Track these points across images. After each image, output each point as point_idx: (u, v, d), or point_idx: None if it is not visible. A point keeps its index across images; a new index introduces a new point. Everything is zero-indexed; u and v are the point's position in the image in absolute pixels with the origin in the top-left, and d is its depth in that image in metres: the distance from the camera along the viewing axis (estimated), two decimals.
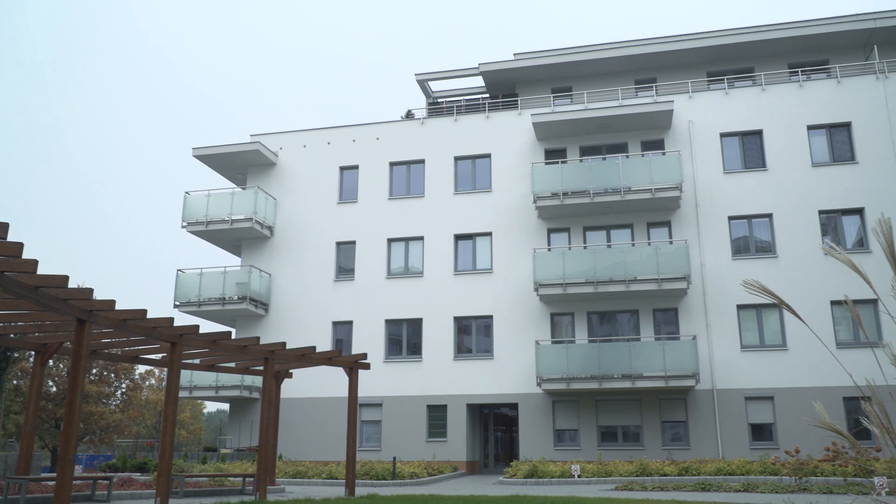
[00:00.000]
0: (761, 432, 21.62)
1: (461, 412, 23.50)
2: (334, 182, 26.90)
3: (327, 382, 24.17)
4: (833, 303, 21.81)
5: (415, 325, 24.80)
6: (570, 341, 23.13)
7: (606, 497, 13.25)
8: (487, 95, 29.53)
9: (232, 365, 15.72)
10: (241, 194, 26.25)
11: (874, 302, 21.00)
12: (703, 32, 26.47)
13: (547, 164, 24.39)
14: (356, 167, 26.94)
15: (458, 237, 25.30)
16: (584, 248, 23.63)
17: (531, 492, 14.99)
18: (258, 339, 13.39)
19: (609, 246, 23.63)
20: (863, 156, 23.03)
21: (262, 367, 15.11)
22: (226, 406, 34.37)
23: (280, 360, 14.60)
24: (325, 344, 24.80)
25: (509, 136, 25.79)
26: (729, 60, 26.80)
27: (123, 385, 44.87)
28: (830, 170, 23.18)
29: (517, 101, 26.95)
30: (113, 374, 42.88)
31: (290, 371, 17.15)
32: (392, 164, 26.63)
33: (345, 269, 26.03)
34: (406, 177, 26.46)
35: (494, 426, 26.63)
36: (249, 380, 24.78)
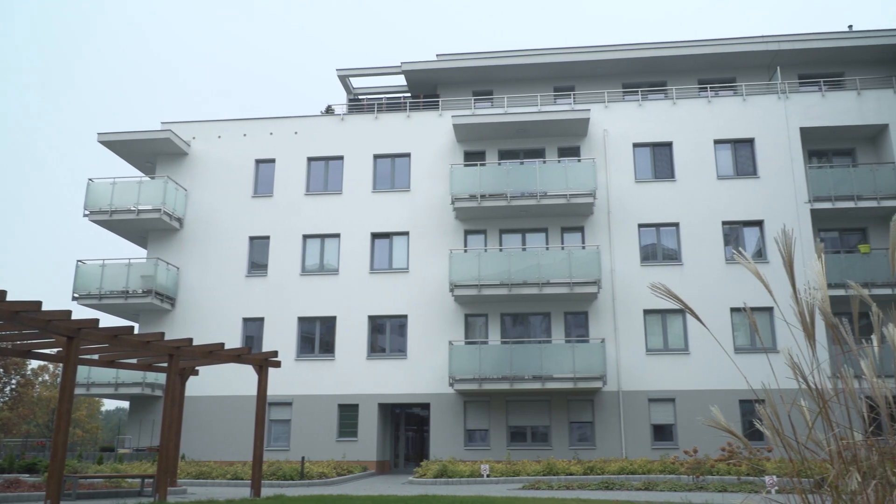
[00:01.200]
0: (663, 433, 22.44)
1: (373, 412, 23.34)
2: (249, 175, 26.21)
3: (236, 381, 23.53)
4: (732, 309, 22.86)
5: (328, 324, 24.46)
6: (483, 342, 23.36)
7: (513, 496, 13.41)
8: (409, 95, 29.47)
9: (134, 361, 15.05)
10: (150, 183, 25.21)
11: (770, 309, 22.17)
12: (620, 45, 27.26)
13: (466, 165, 24.56)
14: (273, 161, 26.34)
15: (375, 235, 25.13)
16: (500, 250, 23.91)
17: (440, 491, 15.01)
18: (163, 334, 12.86)
19: (524, 249, 24.00)
20: (764, 171, 24.27)
21: (166, 364, 14.52)
22: (126, 404, 32.96)
23: (186, 357, 14.08)
24: (234, 341, 24.12)
25: (429, 136, 25.83)
26: (643, 73, 27.71)
27: (13, 381, 42.33)
28: (734, 183, 24.31)
29: (438, 101, 27.02)
30: (2, 370, 40.39)
31: (197, 368, 16.56)
32: (310, 160, 26.19)
33: (257, 265, 25.40)
34: (324, 173, 26.07)
35: (406, 426, 26.59)
36: (152, 377, 23.81)
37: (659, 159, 25.02)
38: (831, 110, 24.68)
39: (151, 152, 26.55)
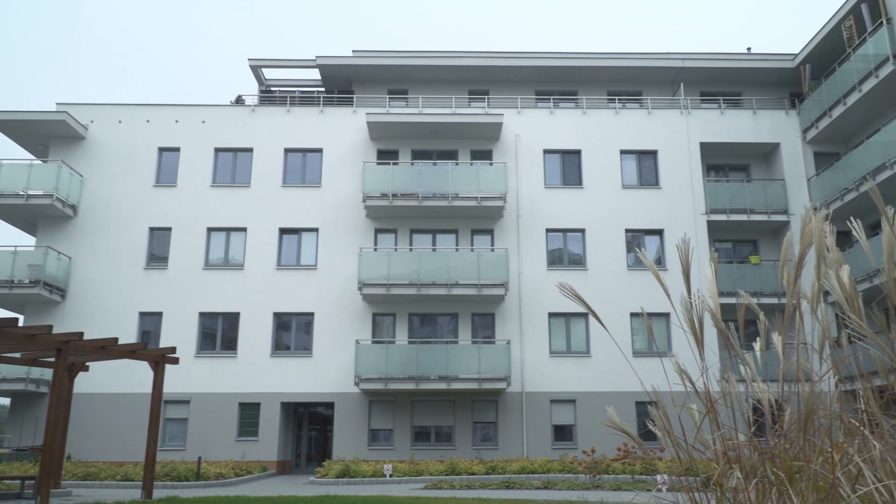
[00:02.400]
0: (563, 433, 23.00)
1: (275, 410, 22.83)
2: (151, 163, 25.12)
3: (130, 377, 22.49)
4: (633, 314, 23.69)
5: (231, 320, 23.76)
6: (390, 342, 23.27)
7: (415, 496, 13.41)
8: (323, 90, 29.03)
9: (17, 355, 14.14)
10: (42, 167, 23.75)
11: (668, 315, 23.11)
12: (534, 53, 27.77)
13: (378, 164, 24.42)
14: (177, 150, 25.35)
15: (283, 231, 24.60)
16: (410, 250, 23.90)
17: (342, 491, 14.84)
18: (51, 327, 12.12)
19: (434, 249, 24.08)
20: (665, 182, 25.29)
21: (53, 359, 13.70)
22: (6, 401, 30.97)
23: (75, 352, 13.33)
24: (129, 336, 23.06)
25: (343, 132, 25.52)
26: (556, 82, 28.34)
27: None
28: (637, 192, 25.21)
29: (353, 98, 26.75)
30: None
31: (87, 364, 15.72)
32: (217, 150, 25.36)
33: (157, 257, 24.38)
34: (232, 164, 25.31)
35: (309, 425, 26.14)
36: (38, 372, 22.43)
37: (568, 166, 25.65)
38: (729, 127, 25.98)
39: (45, 135, 25.04)
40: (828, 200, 24.05)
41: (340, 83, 28.43)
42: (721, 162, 26.92)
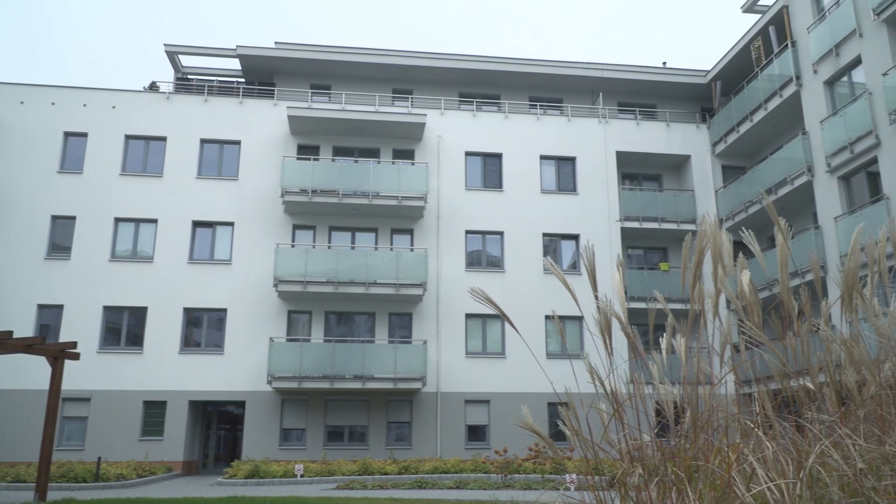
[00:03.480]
0: (477, 433, 23.20)
1: (182, 409, 22.07)
2: (56, 148, 23.84)
3: (25, 373, 21.26)
4: (547, 317, 24.14)
5: (138, 314, 22.82)
6: (305, 340, 22.90)
7: (326, 496, 13.24)
8: (244, 81, 28.31)
9: None
10: None
11: (581, 318, 23.65)
12: (459, 55, 27.92)
13: (299, 159, 24.00)
14: (84, 135, 24.15)
15: (196, 224, 23.82)
16: (329, 247, 23.60)
17: (251, 492, 14.49)
18: None
19: (353, 248, 23.86)
20: (583, 188, 25.90)
21: None
22: None
23: None
24: (26, 329, 21.82)
25: (263, 125, 24.94)
26: (480, 85, 28.59)
27: None
28: (555, 197, 25.73)
29: (274, 91, 26.18)
30: None
31: None
32: (128, 138, 24.32)
33: (59, 247, 23.16)
34: (143, 153, 24.31)
35: (218, 425, 25.45)
36: None
37: (489, 169, 25.92)
38: (644, 138, 26.86)
39: None
40: (734, 212, 25.19)
41: (262, 75, 27.79)
42: (636, 171, 27.80)
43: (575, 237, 25.51)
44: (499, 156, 25.96)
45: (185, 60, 28.61)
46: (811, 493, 2.81)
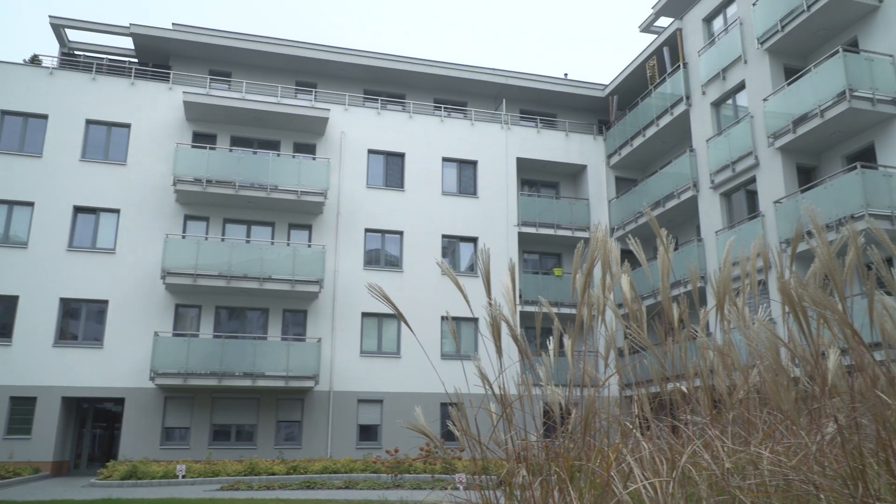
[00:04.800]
0: (369, 433, 23.07)
1: (54, 406, 20.74)
2: None
3: None
4: (443, 318, 24.32)
5: (8, 304, 21.27)
6: (193, 335, 22.05)
7: (209, 498, 12.80)
8: (137, 61, 26.97)
9: None
10: None
11: (476, 320, 23.96)
12: (366, 52, 27.71)
13: (194, 146, 23.11)
14: None
15: (78, 209, 22.46)
16: (223, 240, 22.84)
17: (127, 494, 13.80)
18: None
19: (248, 241, 23.20)
20: (483, 192, 26.28)
21: None
22: None
23: None
24: None
25: (156, 109, 23.82)
26: (385, 83, 28.47)
27: None
28: (456, 200, 25.97)
29: (170, 74, 25.07)
30: None
31: None
32: (4, 113, 22.61)
33: None
34: (21, 130, 22.65)
35: (94, 423, 24.09)
36: None
37: (391, 168, 25.85)
38: (544, 146, 27.56)
39: None
40: (625, 222, 26.25)
41: (157, 57, 26.56)
42: (534, 178, 28.48)
43: (474, 240, 25.84)
44: (401, 155, 25.94)
45: (73, 35, 26.94)
46: (682, 491, 2.94)
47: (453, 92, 29.24)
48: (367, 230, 24.75)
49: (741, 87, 21.51)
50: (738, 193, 21.76)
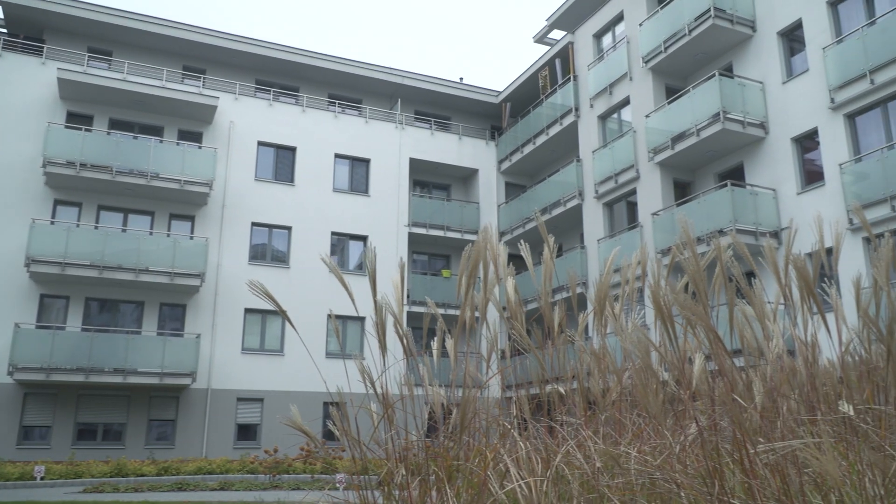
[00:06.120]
0: (248, 432, 22.42)
1: None
2: None
3: None
4: (329, 316, 24.00)
5: None
6: (59, 327, 20.68)
7: (70, 500, 12.04)
8: (6, 31, 24.96)
9: None
10: None
11: (363, 319, 23.81)
12: (259, 40, 26.90)
13: (67, 127, 21.68)
14: None
15: None
16: (96, 228, 21.56)
17: None
18: None
19: (125, 230, 22.03)
20: (375, 191, 26.17)
21: None
22: None
23: None
24: None
25: (25, 84, 22.15)
26: (279, 74, 27.78)
27: None
28: (347, 197, 25.72)
29: (44, 48, 23.38)
30: None
31: None
32: None
33: None
34: None
35: None
36: None
37: (281, 162, 25.27)
38: (437, 148, 27.78)
39: None
40: (513, 227, 26.87)
41: (29, 28, 24.69)
42: (427, 179, 28.65)
43: (364, 238, 25.68)
44: (293, 149, 25.41)
45: None
46: (556, 490, 3.02)
47: (349, 88, 28.94)
48: (253, 224, 24.07)
49: (626, 102, 22.53)
50: (619, 204, 22.77)
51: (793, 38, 18.42)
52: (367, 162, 26.51)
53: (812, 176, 17.45)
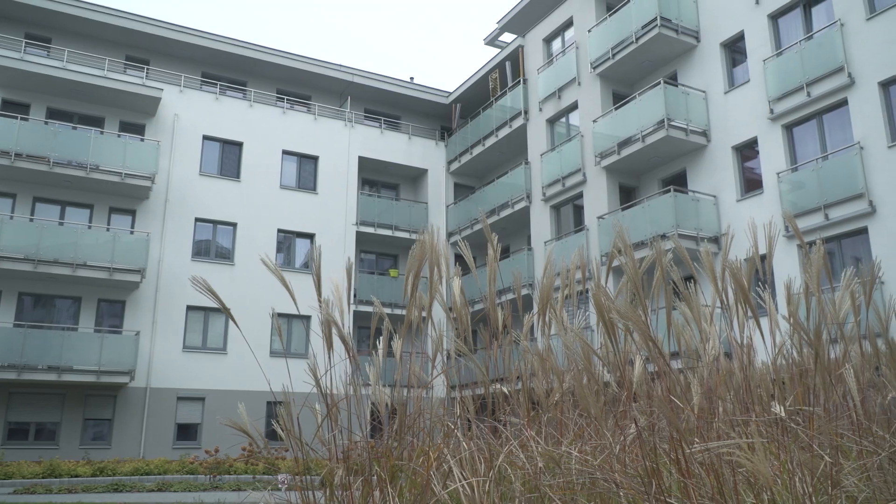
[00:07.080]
0: (188, 432, 21.95)
1: None
2: None
3: None
4: (272, 315, 23.65)
5: None
6: None
7: (1, 502, 11.59)
8: None
9: None
10: None
11: (309, 318, 23.54)
12: (206, 32, 26.32)
13: (2, 115, 20.86)
14: None
15: None
16: (31, 220, 20.80)
17: None
18: None
19: (62, 223, 21.31)
20: (322, 189, 25.92)
21: None
22: None
23: None
24: None
25: None
26: (225, 68, 27.26)
27: None
28: (294, 194, 25.41)
29: None
30: None
31: None
32: None
33: None
34: None
35: None
36: None
37: (227, 157, 24.82)
38: (386, 147, 27.68)
39: None
40: (461, 227, 26.97)
41: None
42: (376, 178, 28.53)
43: (311, 236, 25.42)
44: (239, 144, 24.98)
45: None
46: (498, 490, 3.05)
47: (298, 84, 28.59)
48: (197, 219, 23.57)
49: (574, 107, 22.86)
50: (566, 207, 23.09)
51: (735, 49, 18.99)
52: (315, 159, 26.24)
53: (751, 184, 18.02)
